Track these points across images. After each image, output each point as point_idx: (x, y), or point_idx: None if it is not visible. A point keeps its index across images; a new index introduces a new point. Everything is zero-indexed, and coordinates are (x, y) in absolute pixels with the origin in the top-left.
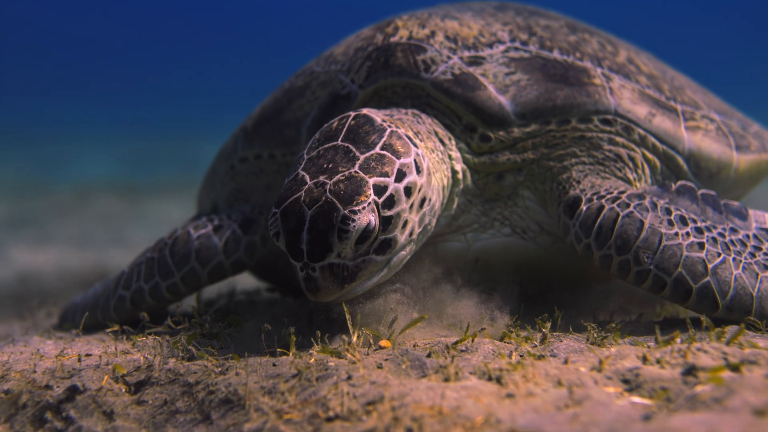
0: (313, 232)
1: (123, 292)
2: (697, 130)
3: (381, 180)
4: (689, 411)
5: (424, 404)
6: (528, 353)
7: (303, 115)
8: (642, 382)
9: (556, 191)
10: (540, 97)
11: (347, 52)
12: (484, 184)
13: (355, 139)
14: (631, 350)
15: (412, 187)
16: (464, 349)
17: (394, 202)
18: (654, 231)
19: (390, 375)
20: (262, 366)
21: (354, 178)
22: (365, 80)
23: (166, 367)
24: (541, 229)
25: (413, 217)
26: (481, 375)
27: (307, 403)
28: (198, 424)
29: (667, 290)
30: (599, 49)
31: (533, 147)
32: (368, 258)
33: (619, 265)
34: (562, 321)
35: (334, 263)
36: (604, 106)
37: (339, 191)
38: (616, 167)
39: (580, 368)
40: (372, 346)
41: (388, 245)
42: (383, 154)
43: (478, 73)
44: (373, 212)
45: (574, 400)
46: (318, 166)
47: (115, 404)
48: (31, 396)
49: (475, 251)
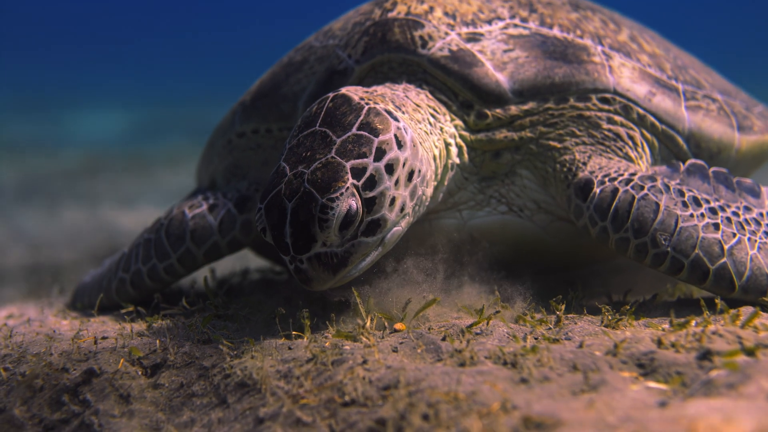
0: (295, 225)
1: (123, 275)
2: (698, 109)
3: (359, 162)
4: (704, 397)
5: (440, 390)
6: (543, 336)
7: (300, 89)
8: (657, 367)
9: (560, 173)
10: (538, 75)
11: (345, 27)
12: (480, 161)
13: (331, 123)
14: (646, 333)
15: (394, 163)
16: (479, 332)
17: (376, 182)
18: (670, 213)
19: (405, 359)
20: (277, 349)
21: (331, 164)
22: (362, 55)
23: (182, 350)
24: (538, 208)
25: (401, 193)
26: (496, 360)
27: (323, 388)
28: (214, 407)
29: (684, 272)
30: (601, 27)
31: (531, 125)
32: (357, 241)
33: (636, 248)
34: (575, 302)
35: (321, 252)
36: (603, 84)
37: (316, 180)
38: (617, 146)
39: (595, 352)
40: (386, 329)
41: (377, 225)
42: (360, 135)
43: (475, 49)
44: (354, 196)
45: (590, 386)
46: (297, 155)
47: (132, 387)
48: (48, 379)
49: (471, 228)
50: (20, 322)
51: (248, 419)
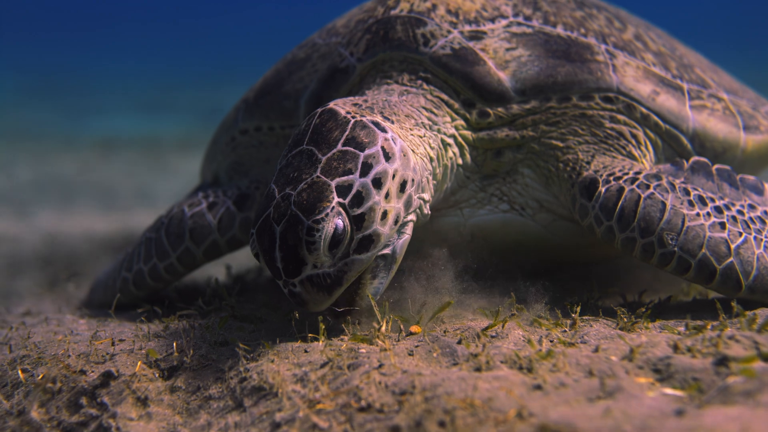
0: (285, 249)
1: (126, 274)
2: (703, 109)
3: (344, 179)
4: (721, 405)
5: (456, 396)
6: (558, 339)
7: (302, 87)
8: (673, 372)
9: (564, 171)
10: (540, 74)
11: (348, 25)
12: (482, 160)
13: (317, 140)
14: (662, 338)
15: (382, 176)
16: (494, 335)
17: (363, 197)
18: (676, 212)
19: (421, 363)
20: (293, 353)
21: (316, 183)
22: (364, 53)
23: (198, 353)
24: (540, 207)
25: (394, 205)
26: (512, 364)
27: (339, 393)
28: (231, 411)
29: (691, 272)
30: (606, 25)
31: (533, 124)
32: (350, 259)
33: (643, 248)
34: (590, 302)
35: (313, 275)
36: (606, 83)
37: (302, 202)
38: (620, 145)
39: (611, 357)
40: (402, 331)
41: (370, 241)
42: (345, 150)
43: (477, 48)
44: (340, 215)
45: (606, 392)
46: (286, 176)
47: (149, 390)
48: (66, 381)
49: (472, 226)
50: (38, 320)
51: (265, 423)
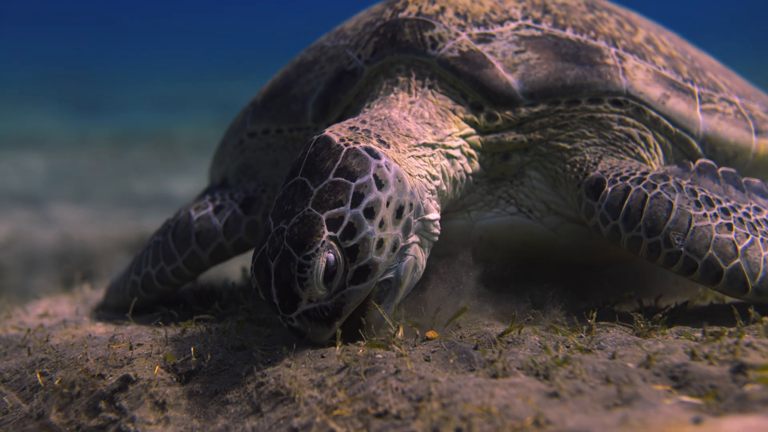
0: (279, 285)
1: (135, 278)
2: (714, 113)
3: (335, 212)
4: (739, 413)
5: (473, 403)
6: (575, 345)
7: (310, 90)
8: (690, 380)
9: (571, 173)
10: (549, 77)
11: (356, 27)
12: (490, 164)
13: (311, 171)
14: (679, 344)
15: (374, 206)
16: (511, 341)
17: (356, 229)
18: (683, 212)
19: (438, 368)
20: (310, 357)
21: (307, 217)
22: (371, 56)
23: (216, 357)
24: (548, 209)
25: (390, 233)
26: (528, 371)
27: (355, 399)
28: (248, 416)
29: (697, 272)
30: (616, 28)
31: (541, 127)
32: (347, 291)
33: (649, 248)
34: (606, 307)
35: (309, 309)
36: (616, 87)
37: (293, 237)
38: (628, 147)
39: (628, 364)
40: (418, 337)
41: (366, 271)
42: (336, 182)
43: (486, 50)
44: (331, 248)
45: (623, 399)
46: (281, 209)
47: (167, 394)
48: (85, 385)
49: (479, 229)
50: (56, 322)
51: (282, 429)
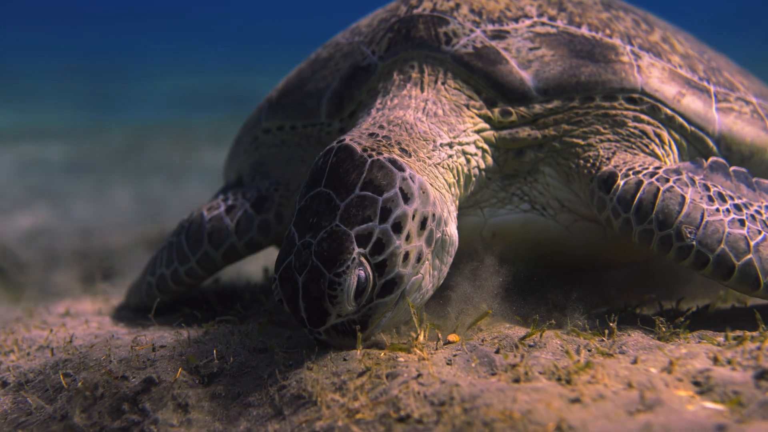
0: (308, 300)
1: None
2: (730, 111)
3: (364, 228)
4: (762, 419)
5: (495, 408)
6: (597, 349)
7: (324, 86)
8: (713, 385)
9: (584, 168)
10: (564, 74)
11: (371, 24)
12: (503, 160)
13: (335, 184)
14: (702, 349)
15: (402, 220)
16: (532, 345)
17: (384, 245)
18: (696, 206)
19: (459, 372)
20: (332, 360)
21: (335, 233)
22: (385, 52)
23: (238, 359)
24: (561, 207)
25: (415, 245)
26: (550, 375)
27: (377, 403)
28: (270, 419)
29: (709, 267)
30: (632, 27)
31: (555, 123)
32: (374, 304)
33: (660, 241)
34: (628, 310)
35: (338, 323)
36: (630, 84)
37: (323, 253)
38: (642, 143)
39: (650, 369)
40: (440, 340)
41: (393, 284)
42: (363, 196)
43: (500, 47)
44: (361, 265)
45: (646, 405)
46: (305, 221)
47: (189, 396)
48: (108, 387)
49: (492, 226)
50: (78, 322)
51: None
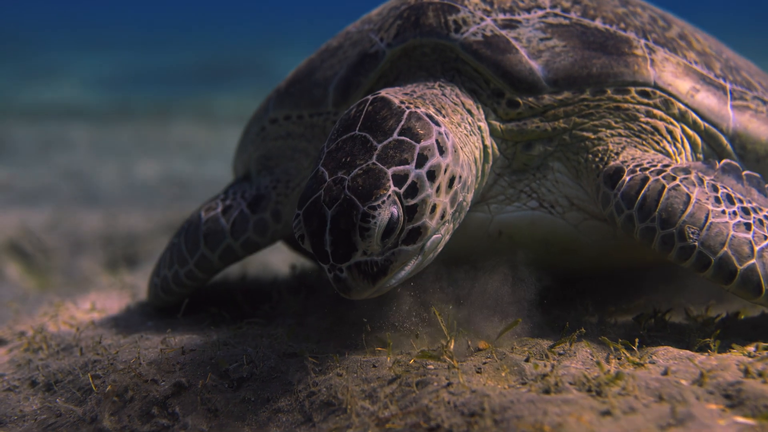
0: (335, 233)
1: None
2: (746, 110)
3: (401, 168)
4: None
5: (525, 420)
6: (627, 359)
7: (332, 74)
8: (744, 399)
9: (592, 162)
10: (575, 65)
11: (382, 12)
12: (512, 153)
13: (372, 127)
14: (732, 360)
15: (436, 170)
16: (562, 353)
17: (417, 189)
18: (701, 207)
19: (489, 381)
20: (361, 367)
21: (372, 170)
22: (394, 39)
23: (267, 364)
24: (570, 204)
25: (442, 200)
26: (581, 386)
27: (407, 412)
28: (300, 425)
29: (710, 270)
30: (648, 22)
31: (565, 116)
32: (398, 250)
33: (662, 240)
34: (658, 316)
35: (361, 261)
36: (643, 77)
37: (357, 187)
38: (654, 140)
39: (680, 381)
40: (470, 347)
41: (418, 233)
42: (402, 140)
43: (510, 36)
44: (395, 204)
45: (677, 419)
46: (337, 160)
47: (219, 401)
48: (138, 390)
49: (498, 223)
50: (106, 319)
51: None
